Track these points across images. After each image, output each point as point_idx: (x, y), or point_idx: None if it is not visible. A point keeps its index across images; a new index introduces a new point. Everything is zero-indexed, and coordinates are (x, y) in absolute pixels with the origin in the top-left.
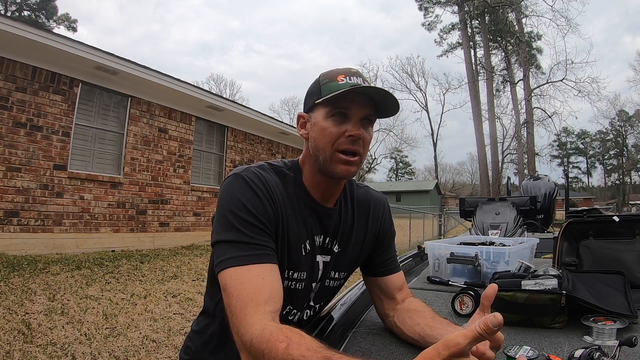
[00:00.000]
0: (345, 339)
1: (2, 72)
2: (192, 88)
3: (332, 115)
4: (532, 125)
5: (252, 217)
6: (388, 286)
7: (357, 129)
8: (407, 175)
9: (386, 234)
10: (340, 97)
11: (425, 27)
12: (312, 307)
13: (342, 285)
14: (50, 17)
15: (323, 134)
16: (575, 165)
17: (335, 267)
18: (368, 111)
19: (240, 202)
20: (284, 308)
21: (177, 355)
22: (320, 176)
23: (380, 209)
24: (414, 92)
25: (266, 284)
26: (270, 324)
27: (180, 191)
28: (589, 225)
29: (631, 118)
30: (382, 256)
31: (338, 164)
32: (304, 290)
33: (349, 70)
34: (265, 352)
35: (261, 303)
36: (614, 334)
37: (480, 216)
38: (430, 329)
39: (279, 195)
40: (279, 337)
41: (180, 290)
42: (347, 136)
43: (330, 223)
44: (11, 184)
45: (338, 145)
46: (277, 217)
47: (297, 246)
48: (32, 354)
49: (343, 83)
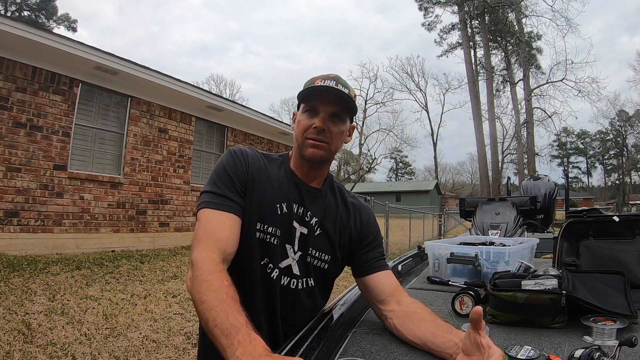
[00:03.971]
0: (345, 339)
1: (2, 72)
2: (192, 88)
3: (306, 111)
4: (532, 125)
5: (226, 175)
6: (377, 285)
7: (321, 122)
8: (407, 175)
9: (370, 234)
10: (311, 96)
11: (425, 27)
12: (298, 276)
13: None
14: (50, 17)
15: (298, 125)
16: (575, 165)
17: (316, 245)
18: (335, 108)
19: (222, 165)
20: (260, 259)
21: (177, 355)
22: (301, 159)
23: (364, 212)
24: (414, 92)
25: (225, 227)
26: (214, 259)
27: (180, 191)
28: (589, 225)
29: (631, 118)
30: (367, 255)
31: (308, 147)
32: (279, 246)
33: (327, 76)
34: (196, 274)
35: (217, 240)
36: (614, 334)
37: (480, 216)
38: (432, 335)
39: (256, 164)
40: (208, 270)
41: (180, 290)
42: (313, 128)
43: (310, 198)
44: (11, 184)
45: (307, 134)
46: (247, 176)
47: (271, 204)
48: (32, 354)
49: (317, 85)
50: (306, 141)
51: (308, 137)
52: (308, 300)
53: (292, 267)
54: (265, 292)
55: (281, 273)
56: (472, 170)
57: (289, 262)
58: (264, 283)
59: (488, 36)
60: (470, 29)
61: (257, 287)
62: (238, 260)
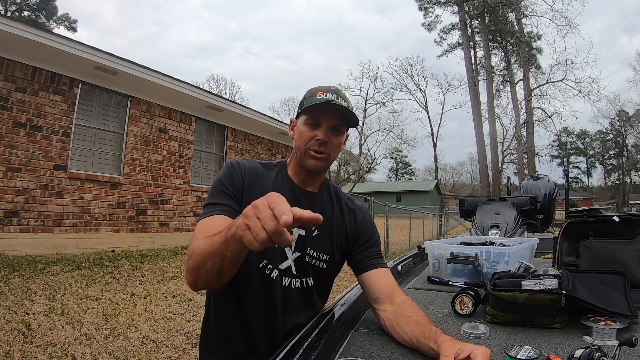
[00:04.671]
0: (345, 339)
1: (2, 72)
2: (192, 88)
3: (308, 123)
4: (532, 125)
5: (221, 186)
6: (372, 283)
7: (323, 135)
8: (407, 175)
9: (365, 233)
10: (314, 109)
11: (425, 27)
12: (296, 276)
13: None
14: (50, 18)
15: (300, 135)
16: (575, 165)
17: (314, 245)
18: (336, 121)
19: (219, 178)
20: (259, 261)
21: (177, 355)
22: (299, 167)
23: (359, 212)
24: (414, 92)
25: (216, 225)
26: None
27: (180, 191)
28: (589, 225)
29: (631, 118)
30: (362, 253)
31: (309, 158)
32: (277, 249)
33: (328, 88)
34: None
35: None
36: (614, 334)
37: (480, 216)
38: (417, 341)
39: (252, 173)
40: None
41: (180, 290)
42: (316, 139)
43: (306, 201)
44: (11, 184)
45: (310, 145)
46: (243, 185)
47: None
48: (32, 354)
49: (320, 98)
50: (308, 152)
51: (310, 149)
52: (307, 299)
53: (291, 268)
54: (265, 293)
55: (281, 274)
56: (472, 170)
57: (289, 264)
58: (263, 284)
59: (488, 36)
60: (470, 29)
61: (256, 289)
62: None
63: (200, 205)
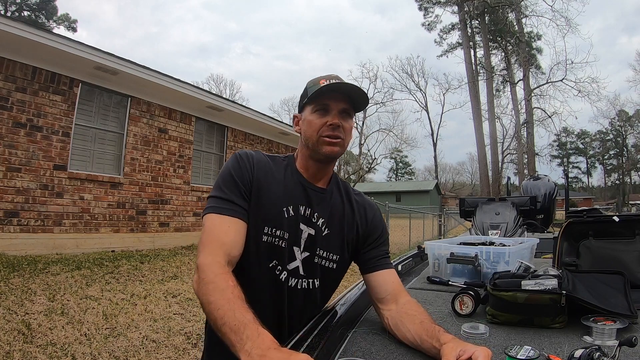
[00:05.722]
0: (345, 338)
1: (2, 72)
2: (192, 88)
3: (316, 111)
4: (532, 125)
5: (231, 179)
6: (378, 284)
7: (335, 119)
8: (407, 175)
9: (375, 231)
10: (321, 95)
11: (425, 27)
12: (303, 277)
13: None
14: (50, 18)
15: (310, 125)
16: (575, 165)
17: (323, 245)
18: (344, 105)
19: (227, 169)
20: (269, 261)
21: (177, 355)
22: (310, 161)
23: (369, 209)
24: (414, 92)
25: (230, 232)
26: (219, 262)
27: (180, 191)
28: (589, 225)
29: (631, 118)
30: (371, 252)
31: (324, 145)
32: (287, 249)
33: (329, 76)
34: (202, 277)
35: (222, 244)
36: (614, 334)
37: (480, 216)
38: (420, 340)
39: (262, 167)
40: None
41: (180, 290)
42: (328, 125)
43: (317, 198)
44: (11, 184)
45: (322, 132)
46: (252, 180)
47: (278, 206)
48: (32, 354)
49: (324, 85)
50: (322, 139)
51: (323, 135)
52: (313, 300)
53: (299, 268)
54: (273, 293)
55: (289, 274)
56: (472, 170)
57: (297, 264)
58: (272, 284)
59: (488, 36)
60: (470, 29)
61: (264, 289)
62: (246, 263)
63: (200, 206)
